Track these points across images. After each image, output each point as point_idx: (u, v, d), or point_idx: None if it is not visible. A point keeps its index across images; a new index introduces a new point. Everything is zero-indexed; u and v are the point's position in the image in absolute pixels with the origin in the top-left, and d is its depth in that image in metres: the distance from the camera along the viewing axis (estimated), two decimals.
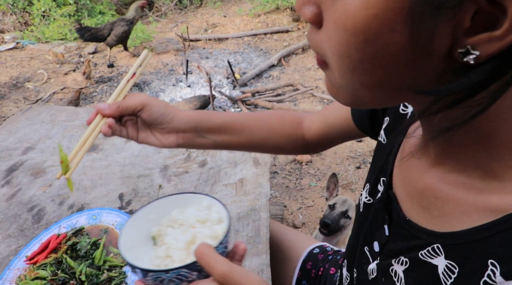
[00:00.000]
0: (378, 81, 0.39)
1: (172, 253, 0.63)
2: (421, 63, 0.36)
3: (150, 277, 0.57)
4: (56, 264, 0.88)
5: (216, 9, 7.42)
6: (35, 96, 4.29)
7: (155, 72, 4.90)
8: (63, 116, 1.59)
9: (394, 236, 0.60)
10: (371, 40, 0.35)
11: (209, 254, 0.52)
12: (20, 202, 1.12)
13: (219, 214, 0.68)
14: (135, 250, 0.64)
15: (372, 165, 0.75)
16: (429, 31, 0.33)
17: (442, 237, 0.49)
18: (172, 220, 0.69)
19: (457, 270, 0.46)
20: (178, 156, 1.32)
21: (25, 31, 6.14)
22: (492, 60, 0.33)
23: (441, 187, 0.50)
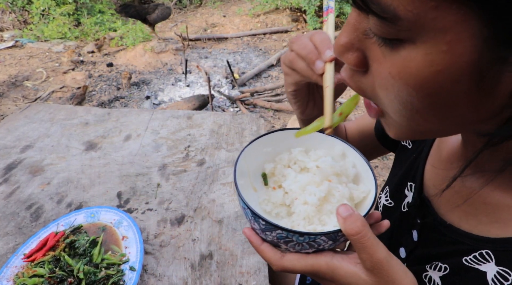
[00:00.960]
0: (439, 122, 0.39)
1: (293, 203, 0.53)
2: (484, 105, 0.35)
3: (274, 234, 0.48)
4: (54, 262, 0.88)
5: (215, 9, 7.42)
6: (34, 95, 4.28)
7: (154, 72, 4.90)
8: (62, 115, 1.60)
9: (426, 241, 0.59)
10: (434, 92, 0.34)
11: (370, 237, 0.45)
12: (18, 200, 1.13)
13: (357, 170, 0.56)
14: (244, 187, 0.54)
15: (394, 168, 0.74)
16: (494, 79, 0.32)
17: (494, 243, 0.48)
18: (292, 160, 0.58)
19: (511, 277, 0.45)
20: (176, 155, 1.32)
21: (24, 29, 6.13)
22: None
23: (490, 192, 0.49)
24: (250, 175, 0.58)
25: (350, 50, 0.39)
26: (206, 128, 1.49)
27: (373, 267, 0.45)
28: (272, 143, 0.59)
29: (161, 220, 1.05)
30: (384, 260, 0.45)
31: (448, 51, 0.31)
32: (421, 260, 0.58)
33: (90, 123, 1.53)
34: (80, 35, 5.97)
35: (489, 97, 0.34)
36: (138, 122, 1.53)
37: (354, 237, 0.45)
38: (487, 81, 0.33)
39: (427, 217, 0.58)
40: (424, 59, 0.32)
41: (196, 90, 4.38)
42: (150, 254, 0.95)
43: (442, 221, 0.56)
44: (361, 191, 0.54)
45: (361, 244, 0.45)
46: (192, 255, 0.94)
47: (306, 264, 0.49)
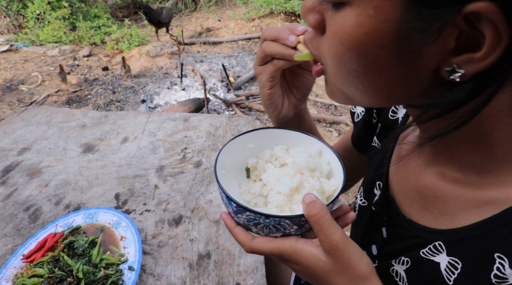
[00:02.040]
0: (370, 90, 0.43)
1: (269, 194, 0.58)
2: (409, 78, 0.39)
3: (245, 216, 0.52)
4: (53, 262, 0.89)
5: (210, 13, 7.45)
6: (29, 98, 4.27)
7: (150, 75, 4.91)
8: (59, 117, 1.60)
9: (393, 237, 0.61)
10: (362, 54, 0.39)
11: (327, 219, 0.49)
12: (16, 202, 1.13)
13: (331, 167, 0.61)
14: (226, 177, 0.59)
15: (368, 169, 0.77)
16: (415, 50, 0.36)
17: (443, 234, 0.50)
18: (273, 156, 0.63)
19: (460, 265, 0.47)
20: (173, 157, 1.33)
21: (19, 33, 6.12)
22: (475, 79, 0.35)
23: (440, 186, 0.52)
24: (234, 168, 0.62)
25: (312, 12, 0.45)
26: (202, 130, 1.50)
27: (330, 249, 0.48)
28: (256, 140, 0.64)
29: (159, 220, 1.06)
30: (340, 241, 0.48)
31: (374, 15, 0.36)
32: (390, 255, 0.60)
33: (88, 125, 1.54)
34: (76, 39, 5.97)
35: (412, 71, 0.38)
36: (135, 124, 1.54)
37: (312, 219, 0.49)
38: (408, 51, 0.37)
39: (392, 214, 0.61)
40: (356, 20, 0.37)
41: (192, 94, 4.39)
42: (149, 254, 0.95)
43: (403, 217, 0.58)
44: (331, 185, 0.59)
45: (318, 225, 0.49)
46: (190, 255, 0.95)
47: (273, 246, 0.52)
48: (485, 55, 0.33)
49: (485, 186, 0.46)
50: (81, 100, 4.31)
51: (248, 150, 0.64)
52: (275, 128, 0.65)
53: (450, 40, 0.34)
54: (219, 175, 0.56)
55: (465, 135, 0.45)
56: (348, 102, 0.50)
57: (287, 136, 0.65)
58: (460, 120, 0.38)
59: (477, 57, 0.34)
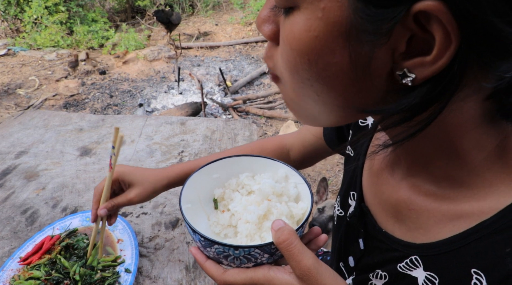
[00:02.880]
0: (326, 99, 0.41)
1: (238, 223, 0.57)
2: (364, 84, 0.38)
3: (214, 249, 0.51)
4: (50, 265, 0.89)
5: (207, 18, 7.47)
6: (27, 102, 4.28)
7: (147, 79, 4.92)
8: (56, 121, 1.61)
9: (370, 249, 0.60)
10: (314, 60, 0.37)
11: (296, 245, 0.48)
12: (13, 205, 1.14)
13: (298, 190, 0.61)
14: (193, 210, 0.58)
15: (343, 177, 0.75)
16: (367, 54, 0.35)
17: (419, 249, 0.49)
18: (240, 184, 0.62)
19: (437, 281, 0.46)
20: (170, 160, 1.34)
21: (17, 37, 6.12)
22: (427, 83, 0.34)
23: (414, 199, 0.51)
24: (201, 200, 0.62)
25: (266, 23, 0.43)
26: (199, 134, 1.51)
27: (302, 275, 0.47)
28: (221, 170, 0.63)
29: (155, 223, 1.06)
30: (312, 266, 0.47)
31: (322, 18, 0.34)
32: (367, 268, 0.59)
33: (85, 129, 1.54)
34: (73, 43, 5.98)
35: (366, 76, 0.37)
36: (132, 128, 1.55)
37: (282, 245, 0.48)
38: (360, 55, 0.35)
39: (368, 225, 0.60)
40: (305, 24, 0.36)
41: (189, 97, 4.40)
42: (145, 256, 0.96)
43: (379, 229, 0.57)
44: (299, 209, 0.58)
45: (288, 252, 0.48)
46: (186, 257, 0.96)
47: (246, 277, 0.51)
48: (435, 58, 0.32)
49: (459, 198, 0.45)
50: (78, 104, 4.32)
51: (213, 180, 0.63)
52: (239, 156, 0.64)
53: (401, 43, 0.33)
54: (185, 209, 0.55)
55: (435, 147, 0.44)
56: (311, 121, 0.48)
57: (252, 163, 0.64)
58: (415, 128, 0.37)
59: (428, 60, 0.33)
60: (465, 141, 0.42)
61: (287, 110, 4.13)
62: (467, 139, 0.42)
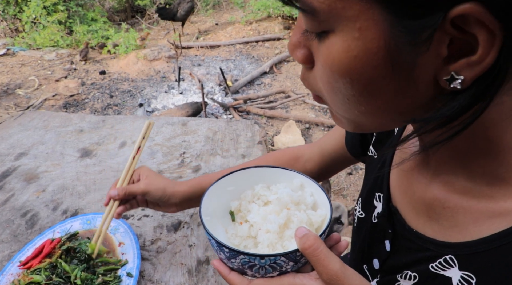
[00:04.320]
0: (375, 109, 0.41)
1: (258, 234, 0.57)
2: (409, 92, 0.38)
3: (239, 260, 0.51)
4: (51, 269, 0.88)
5: (208, 17, 7.46)
6: (26, 103, 4.26)
7: (147, 79, 4.90)
8: (56, 122, 1.59)
9: (397, 250, 0.59)
10: (355, 78, 0.38)
11: (323, 249, 0.48)
12: (13, 208, 1.12)
13: (314, 198, 0.61)
14: (212, 223, 0.58)
15: (365, 179, 0.75)
16: (409, 64, 0.35)
17: (455, 248, 0.48)
18: (255, 196, 0.63)
19: (474, 280, 0.45)
20: (172, 162, 1.33)
21: (16, 37, 6.10)
22: (476, 83, 0.34)
23: (448, 197, 0.50)
24: (217, 213, 0.62)
25: (298, 48, 0.44)
26: (201, 134, 1.50)
27: (330, 279, 0.47)
28: (235, 182, 0.64)
29: (157, 226, 1.05)
30: (339, 270, 0.47)
31: (360, 38, 0.35)
32: (394, 269, 0.58)
33: (85, 130, 1.53)
34: (73, 43, 5.96)
35: (410, 84, 0.37)
36: (133, 129, 1.53)
37: (307, 251, 0.48)
38: (402, 65, 0.35)
39: (396, 225, 0.59)
40: (342, 46, 0.36)
41: (189, 97, 4.39)
42: (147, 260, 0.95)
43: (409, 229, 0.56)
44: (318, 215, 0.58)
45: (315, 257, 0.48)
46: (189, 260, 0.95)
47: None
48: (482, 56, 0.32)
49: (498, 196, 0.44)
50: (78, 104, 4.30)
51: (228, 193, 0.64)
52: (253, 167, 0.65)
53: (443, 48, 0.33)
54: (206, 222, 0.55)
55: (472, 144, 0.43)
56: (358, 129, 0.48)
57: (266, 174, 0.65)
58: (459, 127, 0.37)
59: (474, 60, 0.33)
60: (505, 137, 0.41)
61: (288, 110, 4.12)
62: (508, 135, 0.41)
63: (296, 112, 4.06)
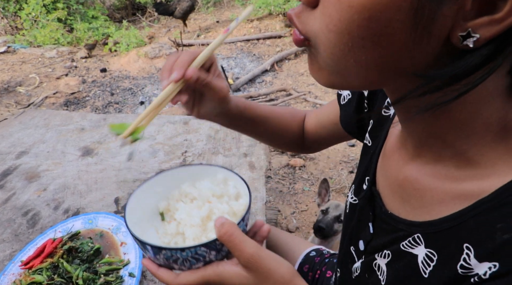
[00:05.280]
0: (375, 60, 0.39)
1: (184, 229, 0.59)
2: (420, 45, 0.37)
3: (163, 256, 0.53)
4: (52, 269, 0.87)
5: (209, 15, 7.44)
6: (27, 100, 4.25)
7: (148, 77, 4.89)
8: (57, 120, 1.59)
9: (378, 232, 0.61)
10: (375, 17, 0.35)
11: (237, 235, 0.51)
12: (14, 207, 1.12)
13: (237, 189, 0.64)
14: (141, 225, 0.60)
15: (359, 166, 0.77)
16: (432, 12, 0.34)
17: (422, 227, 0.50)
18: (182, 194, 0.65)
19: (435, 257, 0.47)
20: (173, 160, 1.32)
21: (17, 35, 6.09)
22: (488, 44, 0.34)
23: (419, 178, 0.52)
24: (147, 215, 0.64)
25: None
26: (202, 133, 1.49)
27: (247, 263, 0.50)
28: (162, 183, 0.66)
29: None
30: (255, 253, 0.50)
31: None
32: (375, 250, 0.60)
33: (86, 129, 1.52)
34: (73, 40, 5.95)
35: (425, 36, 0.36)
36: None
37: (224, 238, 0.51)
38: (424, 12, 0.34)
39: (376, 208, 0.61)
40: None
41: None
42: None
43: (385, 211, 0.58)
44: (240, 204, 0.61)
45: (230, 243, 0.50)
46: None
47: (197, 276, 0.54)
48: (507, 14, 0.32)
49: (462, 178, 0.46)
50: (79, 102, 4.30)
51: (157, 194, 0.65)
52: (178, 167, 0.67)
53: (468, 1, 0.33)
54: (131, 224, 0.57)
55: (448, 123, 0.44)
56: (336, 83, 0.46)
57: (191, 171, 0.67)
58: (460, 91, 0.36)
59: (497, 18, 0.32)
60: (477, 120, 0.42)
61: None
62: (482, 117, 0.42)
63: None
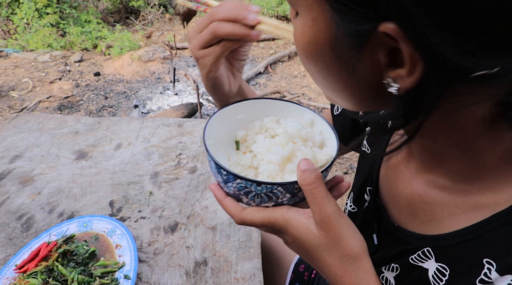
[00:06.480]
0: (336, 89, 0.44)
1: (260, 164, 0.55)
2: (358, 83, 0.40)
3: (235, 185, 0.50)
4: (47, 272, 0.87)
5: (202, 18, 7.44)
6: (20, 105, 4.23)
7: (142, 80, 4.88)
8: (51, 124, 1.58)
9: (383, 244, 0.60)
10: (311, 60, 0.41)
11: (322, 189, 0.47)
12: (8, 211, 1.11)
13: (323, 136, 0.59)
14: (215, 148, 0.56)
15: (357, 174, 0.76)
16: (351, 62, 0.37)
17: (432, 240, 0.49)
18: (263, 128, 0.61)
19: (448, 272, 0.46)
20: (168, 163, 1.32)
21: (9, 39, 6.06)
22: (410, 94, 0.35)
23: (428, 192, 0.52)
24: (222, 140, 0.60)
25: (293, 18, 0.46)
26: (197, 135, 1.49)
27: (321, 221, 0.46)
28: (245, 110, 0.62)
29: (154, 228, 1.04)
30: (333, 214, 0.46)
31: (312, 27, 0.38)
32: (381, 262, 0.59)
33: (80, 132, 1.52)
34: (66, 45, 5.92)
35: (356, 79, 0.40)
36: (129, 130, 1.52)
37: (307, 187, 0.47)
38: (345, 62, 0.38)
39: (381, 220, 0.61)
40: (301, 29, 0.40)
41: (185, 98, 4.38)
42: (144, 262, 0.94)
43: (392, 223, 0.58)
44: (324, 154, 0.57)
45: (312, 195, 0.47)
46: (186, 262, 0.94)
47: (264, 215, 0.50)
48: (409, 72, 0.33)
49: (473, 191, 0.46)
50: (73, 106, 4.28)
51: (237, 121, 0.62)
52: (265, 98, 0.63)
53: (381, 54, 0.34)
54: (208, 145, 0.54)
55: (451, 145, 0.45)
56: (332, 100, 0.51)
57: (276, 106, 0.63)
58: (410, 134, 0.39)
59: (403, 74, 0.33)
60: (479, 141, 0.43)
61: None
62: (481, 137, 0.42)
63: None
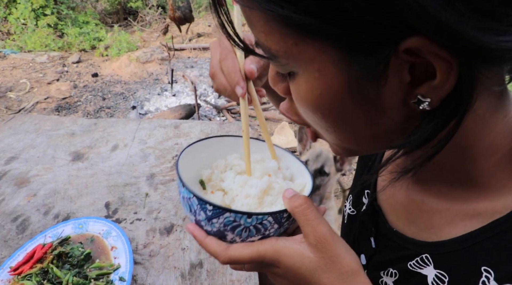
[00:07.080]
0: (351, 138, 0.43)
1: (235, 200, 0.53)
2: (381, 120, 0.39)
3: (222, 220, 0.47)
4: (42, 274, 0.87)
5: (200, 19, 7.45)
6: (18, 106, 4.22)
7: (140, 82, 4.88)
8: (48, 125, 1.58)
9: (381, 247, 0.60)
10: (326, 113, 0.39)
11: (313, 210, 0.46)
12: (3, 213, 1.11)
13: (291, 170, 0.59)
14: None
15: (356, 176, 0.76)
16: (373, 95, 0.36)
17: (430, 247, 0.49)
18: (228, 166, 0.60)
19: (447, 279, 0.46)
20: (164, 164, 1.32)
21: (7, 40, 6.05)
22: (445, 103, 0.34)
23: (426, 200, 0.52)
24: (189, 180, 0.57)
25: (278, 82, 0.46)
26: (193, 137, 1.49)
27: (317, 241, 0.45)
28: (208, 149, 0.61)
29: (150, 229, 1.04)
30: (328, 233, 0.45)
31: (320, 77, 0.36)
32: (379, 266, 0.59)
33: (77, 133, 1.52)
34: (64, 45, 5.92)
35: (380, 112, 0.38)
36: (125, 132, 1.52)
37: (298, 209, 0.46)
38: (366, 97, 0.36)
39: (379, 224, 0.60)
40: (307, 85, 0.38)
41: (182, 99, 4.38)
42: (140, 264, 0.94)
43: (390, 228, 0.58)
44: (298, 185, 0.57)
45: (304, 216, 0.46)
46: (182, 264, 0.94)
47: (252, 250, 0.48)
48: (442, 81, 0.32)
49: (472, 198, 0.46)
50: (70, 107, 4.27)
51: (200, 159, 0.60)
52: (228, 136, 0.62)
53: (404, 74, 0.34)
54: (186, 181, 0.51)
55: (450, 151, 0.44)
56: (349, 153, 0.48)
57: (240, 143, 0.61)
58: (433, 150, 0.37)
59: (436, 84, 0.33)
60: (479, 144, 0.42)
61: None
62: (480, 144, 0.42)
63: None
